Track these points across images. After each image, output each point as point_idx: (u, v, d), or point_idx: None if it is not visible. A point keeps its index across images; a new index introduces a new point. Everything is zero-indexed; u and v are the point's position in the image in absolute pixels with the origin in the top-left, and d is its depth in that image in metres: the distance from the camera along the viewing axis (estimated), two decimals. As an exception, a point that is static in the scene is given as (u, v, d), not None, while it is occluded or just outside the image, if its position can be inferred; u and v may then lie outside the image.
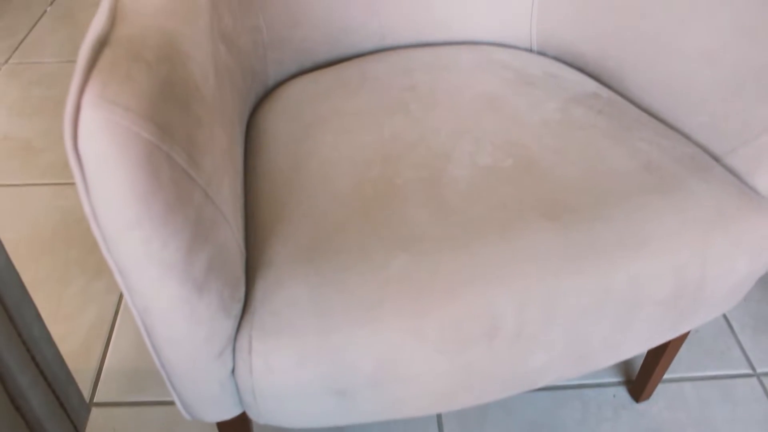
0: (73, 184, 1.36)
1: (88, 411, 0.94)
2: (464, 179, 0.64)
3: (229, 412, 0.60)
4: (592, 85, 0.84)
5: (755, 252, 0.70)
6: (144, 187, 0.40)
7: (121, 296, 1.12)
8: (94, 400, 0.97)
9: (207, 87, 0.47)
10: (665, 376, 1.02)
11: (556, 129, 0.73)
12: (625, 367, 1.03)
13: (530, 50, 0.94)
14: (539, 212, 0.62)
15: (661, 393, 1.00)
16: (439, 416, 0.96)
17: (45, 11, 1.94)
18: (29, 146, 1.45)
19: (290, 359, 0.54)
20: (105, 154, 0.38)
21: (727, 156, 0.76)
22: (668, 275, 0.64)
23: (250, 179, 0.68)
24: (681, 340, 0.88)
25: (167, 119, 0.40)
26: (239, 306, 0.55)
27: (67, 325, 1.08)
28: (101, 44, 0.41)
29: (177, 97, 0.42)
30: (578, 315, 0.61)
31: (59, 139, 1.47)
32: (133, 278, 0.45)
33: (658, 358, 0.90)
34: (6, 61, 1.73)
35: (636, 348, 0.69)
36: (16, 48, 1.78)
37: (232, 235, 0.50)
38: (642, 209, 0.65)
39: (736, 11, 0.73)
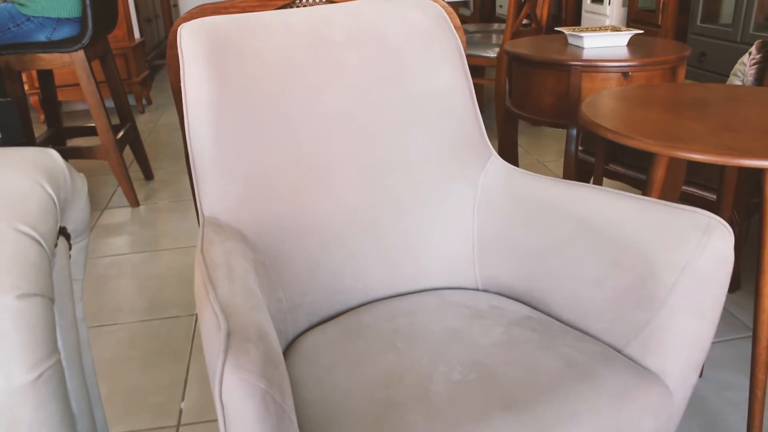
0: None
1: None
2: (444, 392, 0.92)
3: None
4: (525, 310, 1.16)
5: (656, 413, 0.97)
6: (261, 415, 0.67)
7: None
8: None
9: (278, 349, 0.77)
10: None
11: (504, 347, 1.03)
12: None
13: (477, 289, 1.27)
14: (499, 406, 0.90)
15: None
16: None
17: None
18: None
19: None
20: (238, 400, 0.66)
21: (624, 348, 1.07)
22: (597, 439, 0.91)
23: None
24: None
25: (270, 375, 0.69)
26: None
27: None
28: (228, 335, 0.70)
29: (271, 361, 0.71)
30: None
31: None
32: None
33: None
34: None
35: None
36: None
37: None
38: (569, 394, 0.93)
39: (611, 251, 1.08)
